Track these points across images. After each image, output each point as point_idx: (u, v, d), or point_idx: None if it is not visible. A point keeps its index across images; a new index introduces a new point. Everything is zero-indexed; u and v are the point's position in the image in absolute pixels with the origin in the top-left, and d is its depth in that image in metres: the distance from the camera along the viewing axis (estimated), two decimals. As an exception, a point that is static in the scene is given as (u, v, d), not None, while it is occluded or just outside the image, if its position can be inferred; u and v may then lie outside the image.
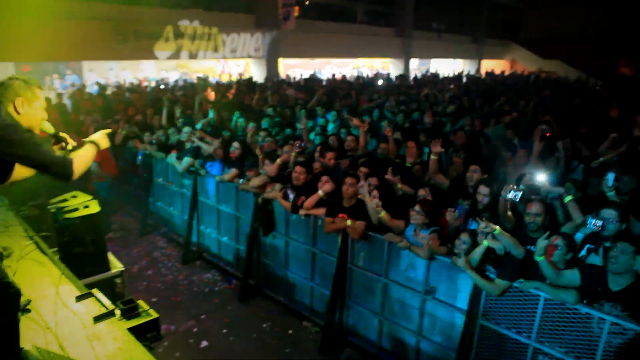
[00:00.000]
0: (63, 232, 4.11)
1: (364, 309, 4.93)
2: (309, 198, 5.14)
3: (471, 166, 4.95)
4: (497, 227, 3.67)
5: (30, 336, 2.79)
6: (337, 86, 14.72)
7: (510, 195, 3.94)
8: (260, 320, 5.43)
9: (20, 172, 2.56)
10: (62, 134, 2.69)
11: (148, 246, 7.32)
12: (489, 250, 3.82)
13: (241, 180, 6.05)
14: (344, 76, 19.71)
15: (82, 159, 2.56)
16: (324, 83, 16.56)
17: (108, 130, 2.95)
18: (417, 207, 4.39)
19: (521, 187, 4.02)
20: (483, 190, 4.36)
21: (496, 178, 5.10)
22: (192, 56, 15.68)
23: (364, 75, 20.13)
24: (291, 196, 5.48)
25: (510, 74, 24.22)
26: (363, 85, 15.80)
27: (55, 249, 4.17)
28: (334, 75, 19.69)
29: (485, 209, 4.34)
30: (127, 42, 13.69)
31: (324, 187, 5.09)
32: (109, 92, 13.06)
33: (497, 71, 24.68)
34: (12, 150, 2.21)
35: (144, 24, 14.00)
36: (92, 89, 13.85)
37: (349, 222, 4.76)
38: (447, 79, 19.32)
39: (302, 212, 5.23)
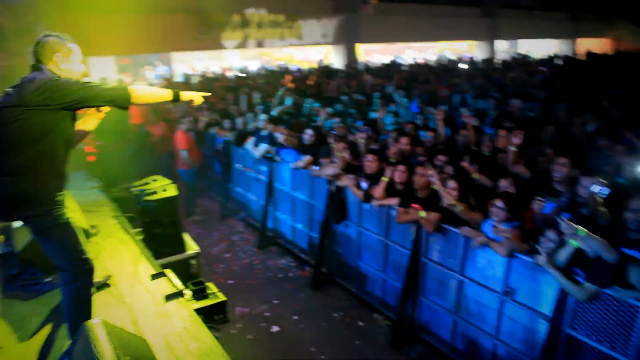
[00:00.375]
0: (144, 213, 4.34)
1: (438, 305, 4.71)
2: (377, 187, 4.98)
3: (560, 158, 4.44)
4: (581, 228, 3.25)
5: (108, 309, 2.96)
6: (417, 71, 14.21)
7: (596, 190, 3.49)
8: (331, 309, 5.40)
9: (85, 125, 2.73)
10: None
11: (227, 230, 7.57)
12: (578, 251, 3.43)
13: (315, 168, 6.02)
14: (425, 61, 18.99)
15: (144, 89, 2.62)
16: (403, 68, 16.10)
17: (206, 94, 2.98)
18: (498, 201, 4.07)
19: (620, 180, 3.56)
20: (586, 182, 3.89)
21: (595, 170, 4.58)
22: (271, 44, 15.92)
23: (447, 59, 19.22)
24: (364, 185, 5.36)
25: (616, 53, 21.75)
26: (444, 69, 15.10)
27: (139, 229, 4.42)
28: (415, 60, 19.09)
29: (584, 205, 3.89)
30: (211, 33, 14.18)
31: (396, 175, 4.91)
32: (194, 81, 13.65)
33: (597, 51, 22.35)
34: (70, 98, 2.32)
35: (224, 15, 14.39)
36: (180, 78, 14.57)
37: (422, 213, 4.55)
38: (537, 62, 17.80)
39: (374, 202, 5.09)
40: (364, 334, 4.98)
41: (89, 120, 2.78)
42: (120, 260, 3.58)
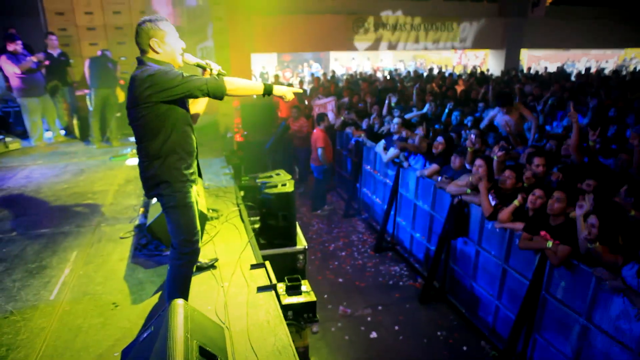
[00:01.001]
0: (262, 204, 4.63)
1: (554, 348, 4.16)
2: (504, 209, 4.56)
3: None
4: None
5: (206, 289, 3.25)
6: (584, 82, 12.59)
7: None
8: (435, 327, 5.15)
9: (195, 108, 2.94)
10: (205, 63, 2.83)
11: (348, 228, 7.70)
12: None
13: (439, 178, 5.77)
14: (599, 70, 16.72)
15: (238, 81, 2.67)
16: (573, 78, 14.41)
17: (297, 90, 3.05)
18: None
19: None
20: None
21: None
22: (425, 46, 15.59)
23: (627, 69, 16.67)
24: (493, 202, 4.96)
25: None
26: (622, 82, 13.10)
27: (256, 218, 4.75)
28: (588, 69, 16.93)
29: None
30: (366, 34, 14.46)
31: (530, 200, 4.43)
32: (342, 79, 14.09)
33: None
34: (171, 93, 2.47)
35: (378, 17, 14.53)
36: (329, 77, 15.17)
37: (549, 243, 4.06)
38: None
39: (497, 225, 4.68)
40: (466, 359, 4.66)
41: (198, 101, 2.94)
42: (230, 246, 3.88)
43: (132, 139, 6.45)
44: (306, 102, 10.46)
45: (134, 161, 5.98)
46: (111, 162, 6.39)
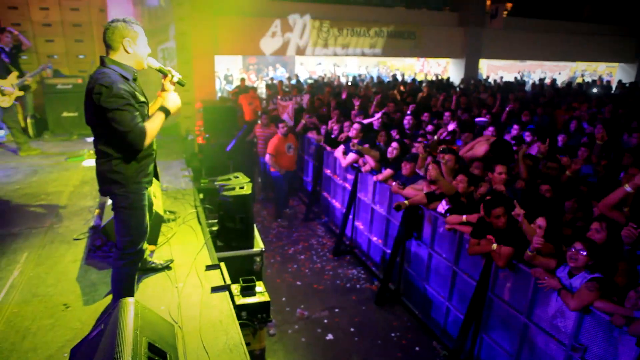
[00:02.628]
0: (220, 207, 4.66)
1: (499, 345, 4.39)
2: (452, 216, 4.79)
3: None
4: None
5: (160, 290, 3.26)
6: (538, 93, 13.19)
7: None
8: (390, 328, 5.30)
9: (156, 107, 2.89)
10: (166, 68, 2.86)
11: (308, 232, 7.80)
12: None
13: (394, 183, 5.95)
14: (553, 81, 17.52)
15: (153, 129, 2.70)
16: (527, 88, 15.07)
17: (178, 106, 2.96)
18: (578, 245, 3.67)
19: None
20: None
21: None
22: (387, 53, 15.89)
23: (579, 81, 17.55)
24: (445, 206, 5.16)
25: None
26: (572, 92, 13.81)
27: (214, 221, 4.78)
28: (542, 80, 17.72)
29: None
30: (331, 39, 14.63)
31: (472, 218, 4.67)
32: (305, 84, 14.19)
33: None
34: (111, 114, 2.49)
35: (352, 24, 14.73)
36: (293, 81, 15.26)
37: (494, 246, 4.28)
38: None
39: (446, 226, 4.89)
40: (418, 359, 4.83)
41: (159, 103, 2.94)
42: (186, 248, 3.90)
43: (90, 139, 6.33)
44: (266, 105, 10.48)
45: (91, 162, 5.88)
46: (67, 163, 6.26)
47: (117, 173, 2.67)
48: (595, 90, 14.32)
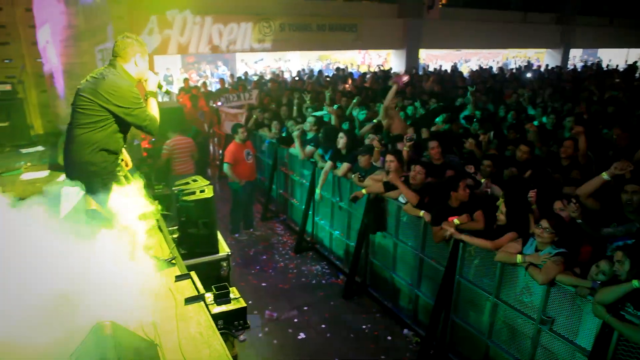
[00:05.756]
0: (181, 212, 4.45)
1: (470, 327, 4.50)
2: (407, 205, 4.90)
3: (629, 186, 3.84)
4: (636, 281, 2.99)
5: (130, 307, 3.05)
6: (476, 80, 13.70)
7: None
8: (360, 321, 5.31)
9: None
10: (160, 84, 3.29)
11: (267, 231, 7.67)
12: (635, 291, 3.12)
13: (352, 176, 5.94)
14: (479, 67, 18.23)
15: (156, 113, 3.17)
16: (465, 75, 15.61)
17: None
18: (544, 223, 3.80)
19: None
20: None
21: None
22: (330, 47, 15.91)
23: (511, 67, 18.42)
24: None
25: None
26: (507, 78, 14.46)
27: (175, 228, 4.56)
28: (479, 67, 18.44)
29: None
30: (272, 34, 14.42)
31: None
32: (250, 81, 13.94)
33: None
34: (128, 111, 2.92)
35: (287, 17, 14.56)
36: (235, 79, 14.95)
37: (456, 221, 4.39)
38: (615, 72, 16.59)
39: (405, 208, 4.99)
40: (391, 349, 4.87)
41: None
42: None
43: (26, 150, 5.82)
44: (212, 104, 10.17)
45: (29, 175, 5.43)
46: (2, 178, 5.75)
47: (93, 164, 2.96)
48: (529, 75, 15.06)
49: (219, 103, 9.19)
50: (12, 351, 2.23)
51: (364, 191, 5.50)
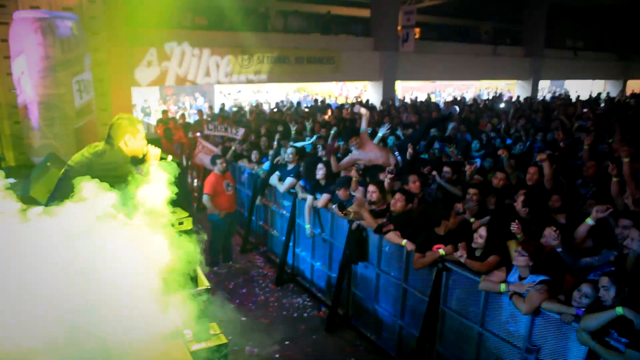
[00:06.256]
0: (158, 246, 4.32)
1: (456, 358, 4.43)
2: (391, 233, 4.87)
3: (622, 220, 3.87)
4: (620, 309, 3.03)
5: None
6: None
7: None
8: (343, 355, 5.18)
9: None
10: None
11: (247, 264, 7.51)
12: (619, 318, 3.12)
13: (333, 207, 5.90)
14: (454, 98, 18.73)
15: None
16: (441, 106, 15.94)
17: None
18: (519, 248, 3.83)
19: None
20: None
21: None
22: (309, 79, 16.13)
23: (483, 97, 18.97)
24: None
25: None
26: (481, 109, 14.84)
27: (152, 261, 4.41)
28: (453, 97, 18.91)
29: None
30: (253, 66, 14.55)
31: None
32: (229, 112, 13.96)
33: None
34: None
35: (271, 50, 14.75)
36: (216, 110, 14.96)
37: (442, 251, 4.36)
38: (579, 102, 17.19)
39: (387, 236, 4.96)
40: (376, 383, 4.74)
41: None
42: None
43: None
44: (191, 135, 10.10)
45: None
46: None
47: None
48: (502, 105, 15.48)
49: (206, 131, 9.14)
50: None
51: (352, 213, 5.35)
